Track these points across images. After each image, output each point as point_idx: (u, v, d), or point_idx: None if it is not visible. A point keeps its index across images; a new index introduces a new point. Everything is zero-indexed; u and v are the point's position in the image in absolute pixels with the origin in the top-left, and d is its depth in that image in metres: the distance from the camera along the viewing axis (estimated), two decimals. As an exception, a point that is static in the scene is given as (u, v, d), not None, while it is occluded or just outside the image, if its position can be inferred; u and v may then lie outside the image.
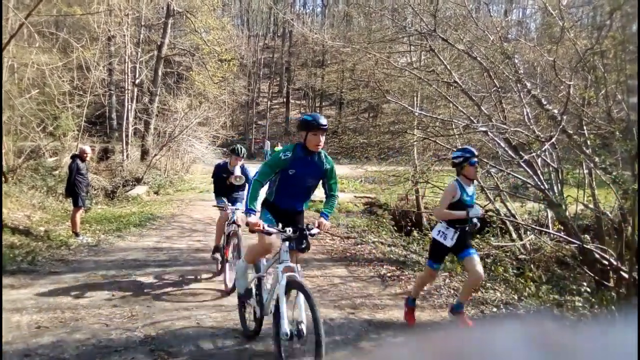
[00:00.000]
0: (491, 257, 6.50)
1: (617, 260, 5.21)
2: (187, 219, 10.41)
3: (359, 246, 7.98)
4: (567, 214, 5.95)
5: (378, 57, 8.65)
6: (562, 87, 6.19)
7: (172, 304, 4.63)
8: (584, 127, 5.95)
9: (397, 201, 12.60)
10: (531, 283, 5.59)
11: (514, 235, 7.55)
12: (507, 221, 7.37)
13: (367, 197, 14.10)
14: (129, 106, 17.28)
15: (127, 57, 17.02)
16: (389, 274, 6.15)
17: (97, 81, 15.22)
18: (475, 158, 4.11)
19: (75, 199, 7.82)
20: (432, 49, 7.65)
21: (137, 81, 18.06)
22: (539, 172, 6.16)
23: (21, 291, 4.94)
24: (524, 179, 6.59)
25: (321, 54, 39.03)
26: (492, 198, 7.58)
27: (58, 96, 12.71)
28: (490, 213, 7.46)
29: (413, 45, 9.79)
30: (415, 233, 9.27)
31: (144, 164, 16.63)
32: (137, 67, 17.98)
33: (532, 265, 6.54)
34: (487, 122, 6.70)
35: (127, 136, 16.92)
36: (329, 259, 7.02)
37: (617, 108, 5.73)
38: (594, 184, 6.09)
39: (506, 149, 6.58)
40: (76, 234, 7.78)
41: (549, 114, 6.33)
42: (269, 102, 42.29)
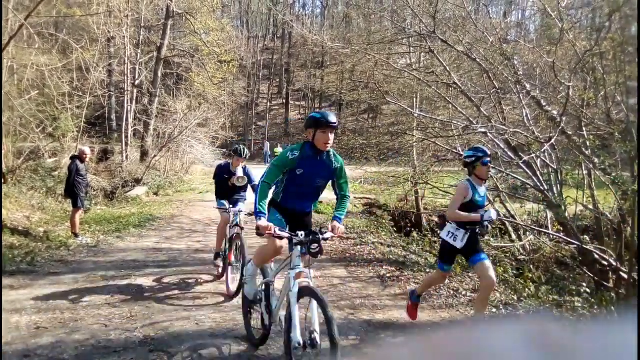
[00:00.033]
0: (491, 258, 6.49)
1: (616, 261, 5.22)
2: (187, 220, 10.41)
3: (358, 247, 7.97)
4: (567, 214, 5.96)
5: (378, 59, 8.67)
6: (561, 88, 6.21)
7: (172, 305, 4.63)
8: (584, 128, 5.96)
9: (396, 202, 12.61)
10: (531, 284, 5.60)
11: (514, 236, 7.57)
12: (506, 222, 7.38)
13: (367, 198, 14.10)
14: (129, 107, 17.28)
15: (126, 59, 17.03)
16: (388, 275, 6.15)
17: (96, 82, 15.25)
18: (488, 158, 4.00)
19: (75, 199, 7.82)
20: (431, 50, 7.66)
21: (137, 82, 18.07)
22: (538, 173, 6.17)
23: (20, 292, 4.94)
24: (524, 180, 6.60)
25: (321, 55, 39.07)
26: (491, 199, 7.58)
27: (57, 97, 12.73)
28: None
29: (412, 46, 9.82)
30: (414, 234, 9.28)
31: (143, 165, 16.63)
32: (137, 69, 17.99)
33: (531, 266, 6.55)
34: (486, 123, 6.71)
35: (126, 137, 16.92)
36: (329, 260, 7.02)
37: (617, 109, 5.75)
38: (594, 185, 6.10)
39: (506, 150, 6.60)
40: (75, 235, 7.77)
41: (549, 115, 6.34)
42: (268, 103, 42.32)
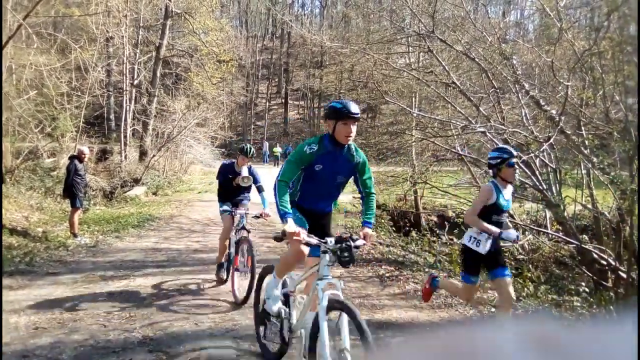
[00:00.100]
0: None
1: (615, 260, 5.22)
2: (186, 220, 10.40)
3: (357, 247, 7.96)
4: (566, 214, 5.96)
5: (376, 58, 8.66)
6: (560, 87, 6.21)
7: (171, 305, 4.63)
8: (582, 128, 5.96)
9: (395, 201, 12.62)
10: (530, 283, 5.60)
11: (513, 236, 7.55)
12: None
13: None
14: (127, 107, 17.27)
15: (125, 58, 17.01)
16: (387, 274, 6.16)
17: (95, 82, 15.23)
18: (515, 158, 3.74)
19: (73, 199, 7.81)
20: (430, 50, 7.66)
21: (136, 82, 18.05)
22: (537, 172, 6.17)
23: (19, 292, 4.93)
24: (523, 179, 6.59)
25: (320, 55, 39.06)
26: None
27: (56, 97, 12.71)
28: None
29: (411, 46, 9.82)
30: (413, 233, 9.28)
31: (142, 164, 16.61)
32: (136, 68, 17.97)
33: (530, 266, 6.56)
34: (485, 123, 6.72)
35: (125, 137, 16.90)
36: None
37: (615, 109, 5.75)
38: (592, 184, 6.11)
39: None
40: (74, 235, 7.76)
41: (547, 114, 6.34)
42: (267, 103, 42.32)
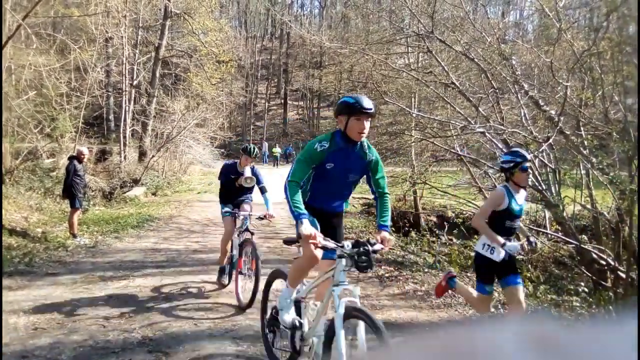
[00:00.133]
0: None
1: (614, 260, 5.23)
2: (185, 220, 10.40)
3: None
4: (565, 214, 5.96)
5: (376, 59, 8.67)
6: (559, 88, 6.22)
7: (170, 305, 4.62)
8: (581, 128, 5.97)
9: (395, 202, 12.61)
10: (529, 283, 5.61)
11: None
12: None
13: (365, 198, 14.09)
14: (127, 107, 17.26)
15: (124, 59, 17.00)
16: (387, 275, 6.16)
17: (94, 82, 15.22)
18: (528, 162, 3.60)
19: (73, 200, 7.80)
20: (429, 50, 7.67)
21: (135, 83, 18.05)
22: (536, 172, 6.17)
23: (18, 293, 4.92)
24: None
25: (319, 55, 39.07)
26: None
27: (55, 97, 12.70)
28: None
29: (411, 46, 9.83)
30: (413, 234, 9.29)
31: (141, 165, 16.61)
32: (135, 69, 17.97)
33: (529, 266, 6.56)
34: (484, 123, 6.72)
35: (124, 137, 16.89)
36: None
37: (614, 109, 5.76)
38: (592, 185, 6.11)
39: (504, 149, 6.60)
40: (74, 236, 7.76)
41: (547, 115, 6.35)
42: (266, 104, 42.34)
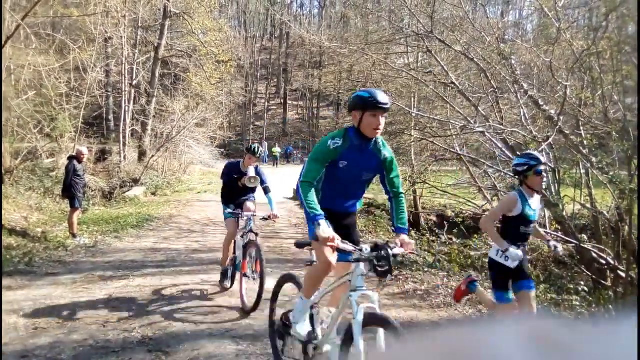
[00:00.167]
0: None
1: (614, 260, 5.23)
2: (185, 220, 10.40)
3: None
4: (565, 213, 5.97)
5: (375, 59, 8.67)
6: (558, 87, 6.22)
7: (170, 305, 4.62)
8: (581, 128, 5.97)
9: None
10: (529, 283, 5.59)
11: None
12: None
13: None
14: (126, 107, 17.26)
15: (124, 59, 17.00)
16: (387, 275, 6.15)
17: (94, 82, 15.22)
18: (543, 166, 3.44)
19: (72, 200, 7.80)
20: (429, 50, 7.67)
21: (135, 82, 18.05)
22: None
23: (18, 292, 4.92)
24: (521, 179, 6.61)
25: (318, 55, 39.07)
26: (489, 198, 7.60)
27: (55, 97, 12.71)
28: (487, 213, 7.47)
29: (410, 46, 9.84)
30: (412, 233, 9.28)
31: (141, 165, 16.61)
32: (134, 69, 17.97)
33: (529, 265, 6.55)
34: (484, 123, 6.73)
35: (124, 137, 16.90)
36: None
37: (614, 109, 5.76)
38: (591, 184, 6.12)
39: (503, 149, 6.61)
40: (73, 235, 7.76)
41: (546, 114, 6.35)
42: (266, 103, 42.34)
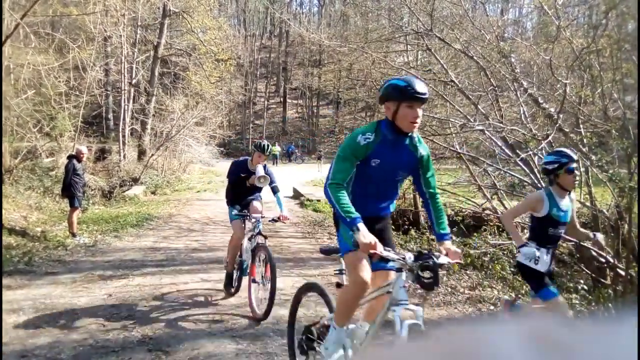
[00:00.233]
0: (488, 255, 6.53)
1: (613, 258, 5.22)
2: (185, 219, 10.40)
3: (356, 245, 7.95)
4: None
5: (375, 57, 8.66)
6: (558, 85, 6.21)
7: (170, 304, 4.63)
8: (580, 126, 5.96)
9: (394, 200, 12.62)
10: (528, 281, 5.60)
11: (511, 234, 7.56)
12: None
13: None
14: (126, 106, 17.26)
15: (123, 58, 16.99)
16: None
17: (93, 81, 15.22)
18: (575, 163, 3.15)
19: (72, 199, 7.80)
20: (428, 48, 7.66)
21: (134, 81, 18.04)
22: (535, 170, 6.17)
23: (18, 292, 4.93)
24: (521, 177, 6.60)
25: (318, 53, 39.06)
26: (489, 196, 7.59)
27: (54, 97, 12.71)
28: (487, 211, 7.48)
29: (410, 44, 9.82)
30: (412, 232, 9.28)
31: (141, 164, 16.61)
32: (134, 68, 17.96)
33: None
34: (483, 121, 6.71)
35: (123, 136, 16.90)
36: (326, 258, 7.01)
37: (613, 106, 5.75)
38: (591, 182, 6.11)
39: (503, 147, 6.60)
40: (73, 235, 7.76)
41: (546, 112, 6.34)
42: (266, 102, 42.33)
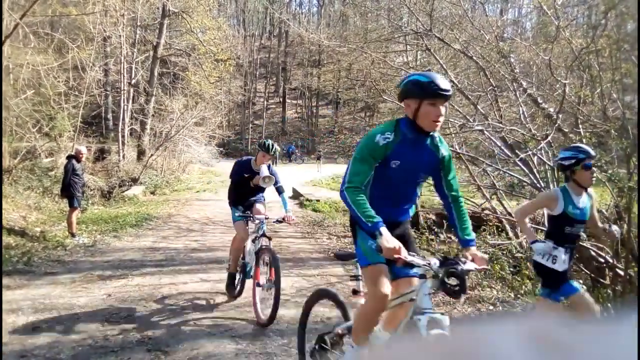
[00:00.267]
0: (488, 255, 6.53)
1: (612, 258, 5.23)
2: (184, 219, 10.40)
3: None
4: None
5: (374, 57, 8.67)
6: (557, 85, 6.22)
7: (169, 304, 4.63)
8: (580, 126, 5.97)
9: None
10: (527, 281, 5.61)
11: (510, 234, 7.58)
12: (503, 219, 7.39)
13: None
14: (125, 106, 17.24)
15: (122, 58, 16.98)
16: (386, 273, 6.15)
17: (92, 81, 15.20)
18: (592, 160, 3.05)
19: (71, 199, 7.79)
20: (428, 48, 7.66)
21: (133, 81, 18.03)
22: (535, 170, 6.17)
23: (17, 292, 4.92)
24: (520, 178, 6.61)
25: (317, 53, 39.05)
26: (488, 196, 7.60)
27: (53, 97, 12.69)
28: (486, 211, 7.48)
29: (409, 44, 9.84)
30: (412, 232, 9.29)
31: (140, 164, 16.60)
32: (133, 68, 17.96)
33: (528, 263, 6.57)
34: (483, 121, 6.72)
35: (123, 136, 16.89)
36: (326, 258, 7.02)
37: (613, 106, 5.76)
38: (590, 182, 6.11)
39: (502, 147, 6.61)
40: (72, 235, 7.75)
41: (545, 112, 6.35)
42: (265, 102, 42.33)
